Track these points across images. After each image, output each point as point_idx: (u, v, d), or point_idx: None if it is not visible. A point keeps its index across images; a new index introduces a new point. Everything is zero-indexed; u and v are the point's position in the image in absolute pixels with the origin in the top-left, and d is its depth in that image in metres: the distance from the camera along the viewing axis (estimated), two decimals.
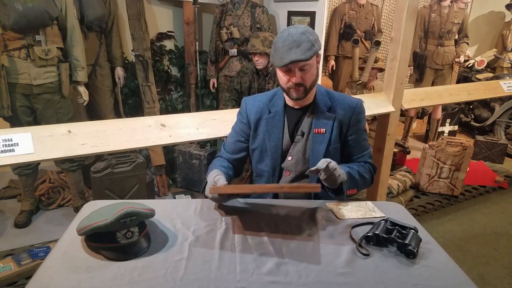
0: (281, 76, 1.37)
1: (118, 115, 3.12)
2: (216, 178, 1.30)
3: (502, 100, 4.38)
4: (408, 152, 3.71)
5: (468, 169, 3.03)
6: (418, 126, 4.84)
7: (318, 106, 1.43)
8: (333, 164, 1.26)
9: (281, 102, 1.47)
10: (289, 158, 1.47)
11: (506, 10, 5.07)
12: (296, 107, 1.46)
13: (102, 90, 2.95)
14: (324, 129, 1.42)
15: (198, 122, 1.85)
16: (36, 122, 2.37)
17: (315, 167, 1.26)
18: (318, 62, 1.40)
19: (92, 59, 2.80)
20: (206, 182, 1.34)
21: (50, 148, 1.53)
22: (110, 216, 1.01)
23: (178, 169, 3.20)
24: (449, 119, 4.49)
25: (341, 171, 1.30)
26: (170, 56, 3.56)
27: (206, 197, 1.31)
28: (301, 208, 1.34)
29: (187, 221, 1.23)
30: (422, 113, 4.41)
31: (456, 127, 4.60)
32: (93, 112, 2.99)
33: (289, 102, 1.46)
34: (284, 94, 1.45)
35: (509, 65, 4.85)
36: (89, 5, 2.66)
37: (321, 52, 3.00)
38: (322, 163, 1.25)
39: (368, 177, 1.49)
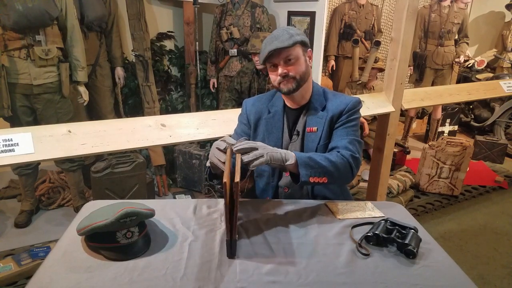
0: (271, 75, 1.39)
1: (118, 115, 3.12)
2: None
3: (502, 100, 4.38)
4: (408, 152, 3.71)
5: (468, 169, 3.03)
6: (418, 126, 4.84)
7: (313, 105, 1.44)
8: (259, 146, 1.16)
9: (281, 103, 1.47)
10: None
11: (506, 10, 5.07)
12: (294, 107, 1.46)
13: (102, 90, 2.95)
14: (316, 127, 1.42)
15: (198, 122, 1.85)
16: (36, 122, 2.37)
17: (232, 144, 1.16)
18: (309, 57, 1.40)
19: (92, 59, 2.81)
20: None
21: (50, 148, 1.53)
22: (110, 216, 1.01)
23: (178, 169, 3.20)
24: (449, 119, 4.49)
25: (270, 156, 1.16)
26: (170, 56, 3.56)
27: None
28: (301, 208, 1.34)
29: (187, 221, 1.23)
30: (422, 113, 4.41)
31: (456, 127, 4.60)
32: (93, 112, 2.99)
33: (288, 102, 1.46)
34: (282, 94, 1.45)
35: (509, 65, 4.85)
36: (89, 5, 2.66)
37: (321, 52, 3.01)
38: (242, 143, 1.16)
39: (339, 162, 1.26)
